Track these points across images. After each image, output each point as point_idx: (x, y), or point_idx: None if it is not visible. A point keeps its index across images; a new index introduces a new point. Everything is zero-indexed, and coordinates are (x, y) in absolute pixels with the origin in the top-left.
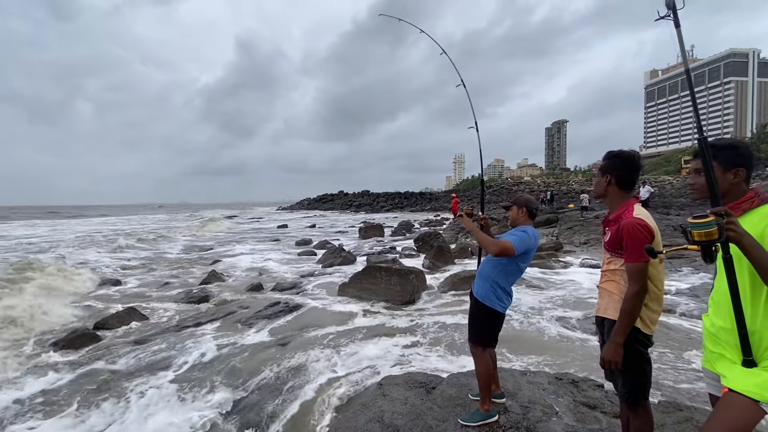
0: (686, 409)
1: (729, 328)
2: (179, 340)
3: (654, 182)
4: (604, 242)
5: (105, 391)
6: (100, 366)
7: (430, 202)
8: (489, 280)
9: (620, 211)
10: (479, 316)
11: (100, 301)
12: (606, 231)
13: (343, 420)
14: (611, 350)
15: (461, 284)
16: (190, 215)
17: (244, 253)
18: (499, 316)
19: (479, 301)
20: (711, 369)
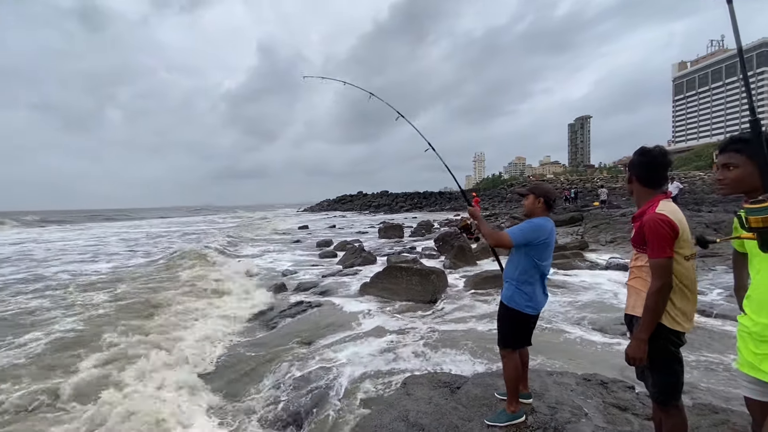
0: (722, 411)
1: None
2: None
3: (684, 178)
4: (631, 239)
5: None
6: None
7: (450, 202)
8: (512, 281)
9: (645, 207)
10: (505, 319)
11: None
12: (632, 227)
13: (368, 419)
14: (634, 346)
15: (483, 284)
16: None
17: (265, 255)
18: (527, 318)
19: (504, 303)
20: (748, 372)
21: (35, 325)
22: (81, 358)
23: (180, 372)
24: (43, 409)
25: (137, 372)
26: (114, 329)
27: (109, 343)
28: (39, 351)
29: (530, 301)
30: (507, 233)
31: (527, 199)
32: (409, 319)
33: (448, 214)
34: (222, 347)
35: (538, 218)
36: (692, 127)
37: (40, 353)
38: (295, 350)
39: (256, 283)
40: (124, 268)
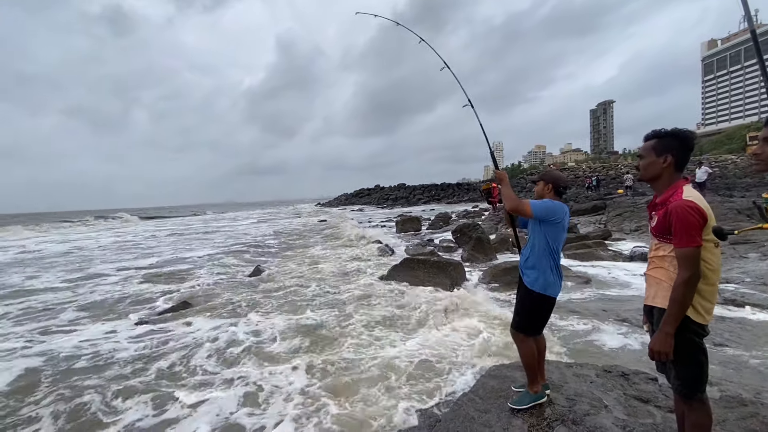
0: (751, 404)
1: None
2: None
3: (714, 162)
4: (651, 227)
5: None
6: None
7: (468, 193)
8: (533, 266)
9: (668, 194)
10: (529, 304)
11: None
12: (652, 216)
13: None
14: (660, 340)
15: (502, 276)
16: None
17: (288, 248)
18: (550, 302)
19: (528, 288)
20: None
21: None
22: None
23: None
24: None
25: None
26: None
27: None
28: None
29: (553, 284)
30: (529, 203)
31: (537, 186)
32: (426, 308)
33: (466, 205)
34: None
35: (555, 202)
36: (723, 108)
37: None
38: (316, 331)
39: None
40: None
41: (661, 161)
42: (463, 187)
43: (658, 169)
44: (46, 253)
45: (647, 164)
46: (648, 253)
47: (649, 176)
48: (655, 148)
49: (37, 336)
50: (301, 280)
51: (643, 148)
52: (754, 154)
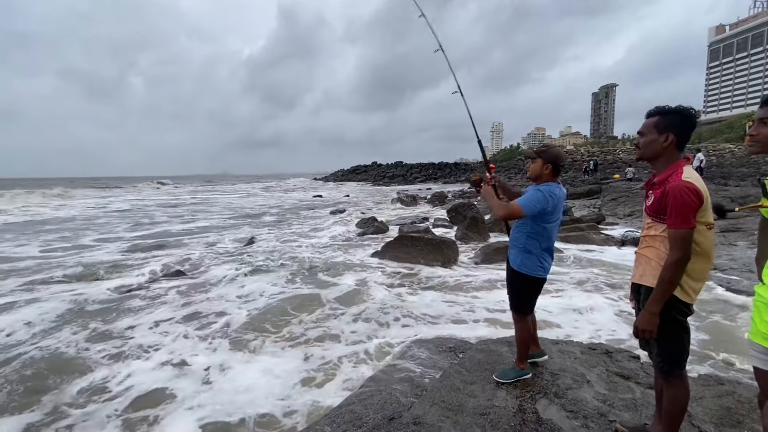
0: (728, 383)
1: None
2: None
3: (712, 150)
4: (646, 206)
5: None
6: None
7: (465, 173)
8: (521, 247)
9: (667, 173)
10: (516, 285)
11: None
12: (649, 194)
13: (374, 378)
14: (646, 319)
15: (495, 255)
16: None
17: (284, 220)
18: (537, 282)
19: (515, 269)
20: (760, 342)
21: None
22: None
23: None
24: None
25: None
26: None
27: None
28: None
29: (540, 265)
30: (518, 205)
31: (534, 163)
32: (419, 285)
33: (462, 185)
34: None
35: (546, 185)
36: (726, 96)
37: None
38: (305, 306)
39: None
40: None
41: (662, 140)
42: (460, 166)
43: (659, 147)
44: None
45: (648, 142)
46: (640, 233)
47: (649, 154)
48: (657, 126)
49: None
50: (292, 256)
51: (644, 125)
52: (750, 135)
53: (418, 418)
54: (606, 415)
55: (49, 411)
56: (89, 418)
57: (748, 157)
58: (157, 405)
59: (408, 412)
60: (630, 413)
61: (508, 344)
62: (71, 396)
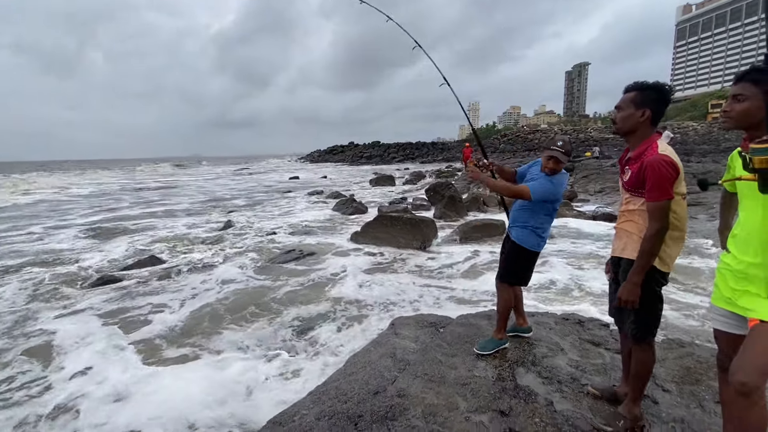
0: (689, 345)
1: (760, 263)
2: (201, 280)
3: (677, 128)
4: (623, 182)
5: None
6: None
7: (443, 153)
8: (527, 226)
9: (642, 148)
10: (515, 257)
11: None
12: (625, 170)
13: (358, 356)
14: (629, 290)
15: (472, 233)
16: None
17: (259, 203)
18: (533, 256)
19: (515, 242)
20: (726, 307)
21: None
22: None
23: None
24: None
25: None
26: None
27: None
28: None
29: (541, 241)
30: (528, 189)
31: (557, 165)
32: (399, 266)
33: (440, 165)
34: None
35: (558, 176)
36: (691, 75)
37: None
38: (285, 293)
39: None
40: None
41: (639, 114)
42: (437, 146)
43: (635, 122)
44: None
45: (625, 116)
46: (618, 208)
47: (626, 129)
48: (634, 101)
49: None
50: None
51: (622, 100)
52: (724, 111)
53: (402, 390)
54: (578, 380)
55: None
56: None
57: (709, 134)
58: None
59: (392, 386)
60: (600, 377)
61: (487, 318)
62: None
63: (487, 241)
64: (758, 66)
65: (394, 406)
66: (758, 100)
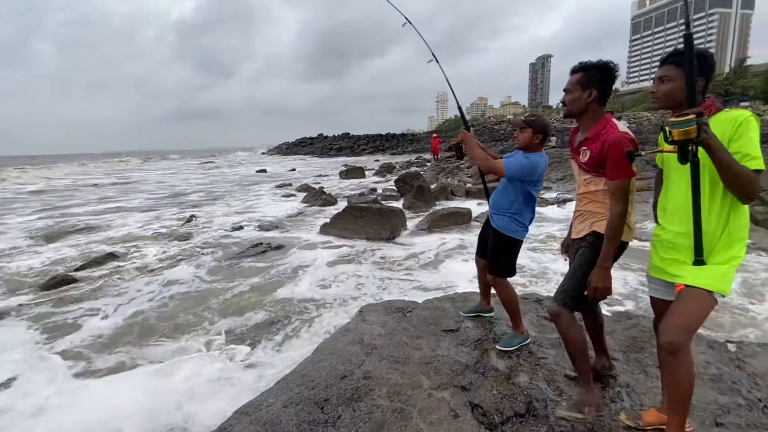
0: (635, 317)
1: (684, 231)
2: (163, 281)
3: (633, 119)
4: (581, 163)
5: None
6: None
7: (412, 144)
8: (505, 211)
9: (599, 128)
10: (503, 248)
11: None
12: (582, 151)
13: (326, 343)
14: (601, 276)
15: (440, 221)
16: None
17: (224, 197)
18: (517, 244)
19: (499, 231)
20: (658, 276)
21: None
22: None
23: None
24: None
25: None
26: None
27: None
28: None
29: (524, 229)
30: (502, 164)
31: (525, 133)
32: (368, 256)
33: (410, 156)
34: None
35: (534, 154)
36: (645, 67)
37: None
38: (255, 287)
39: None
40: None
41: (586, 96)
42: (407, 137)
43: (584, 103)
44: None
45: (574, 99)
46: (577, 191)
47: (576, 111)
48: (580, 82)
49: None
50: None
51: (569, 83)
52: (651, 93)
53: (368, 373)
54: (535, 354)
55: None
56: None
57: (662, 124)
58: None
59: (359, 369)
60: (555, 350)
61: (451, 300)
62: None
63: (454, 229)
64: (679, 49)
65: (360, 388)
66: (681, 81)
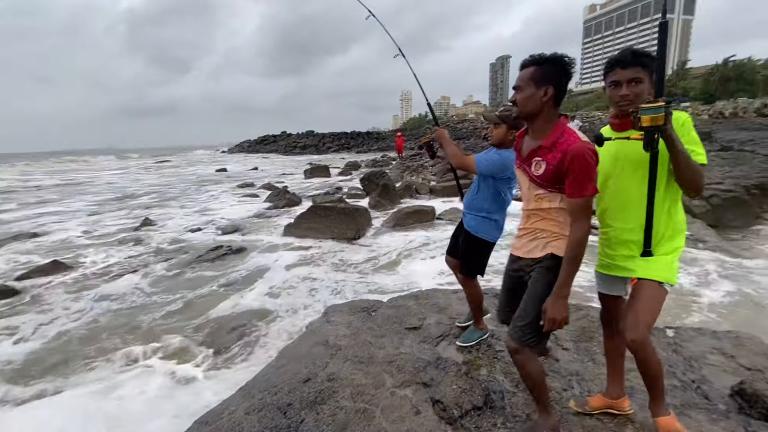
0: (585, 308)
1: (633, 227)
2: (118, 289)
3: (585, 118)
4: (534, 176)
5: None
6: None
7: (378, 142)
8: (479, 213)
9: (555, 135)
10: (474, 249)
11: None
12: (535, 162)
13: (290, 347)
14: (560, 306)
15: (405, 219)
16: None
17: (181, 198)
18: (489, 246)
19: (474, 235)
20: (607, 272)
21: None
22: None
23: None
24: None
25: None
26: None
27: None
28: None
29: (497, 230)
30: (474, 160)
31: (498, 129)
32: (333, 255)
33: (375, 154)
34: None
35: (507, 150)
36: (597, 69)
37: None
38: (216, 292)
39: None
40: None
41: (541, 94)
42: (373, 135)
43: (539, 103)
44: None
45: (527, 97)
46: (524, 206)
47: (528, 111)
48: (534, 78)
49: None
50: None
51: (520, 79)
52: (623, 96)
53: (332, 374)
54: (493, 347)
55: None
56: None
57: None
58: None
59: (323, 372)
60: None
61: (414, 298)
62: None
63: (419, 227)
64: (638, 50)
65: (324, 391)
66: (648, 82)
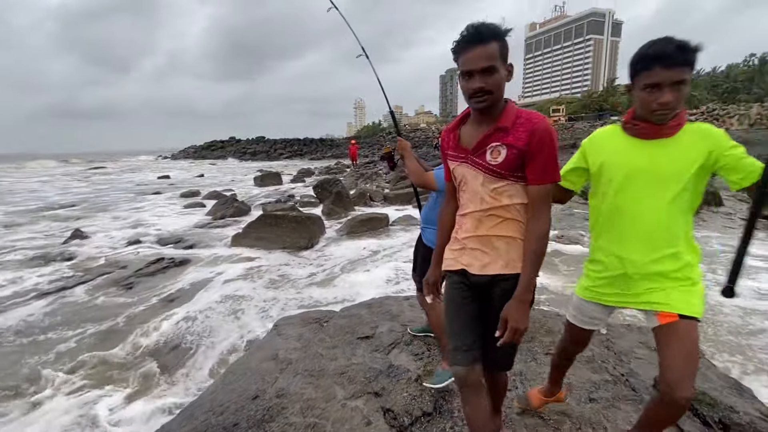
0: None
1: (658, 257)
2: (44, 310)
3: None
4: (492, 167)
5: None
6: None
7: (331, 149)
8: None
9: (510, 116)
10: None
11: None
12: (492, 148)
13: (237, 363)
14: (522, 313)
15: (359, 227)
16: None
17: (117, 207)
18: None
19: (430, 247)
20: (600, 301)
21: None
22: None
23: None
24: None
25: None
26: None
27: None
28: None
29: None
30: (435, 178)
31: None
32: (284, 266)
33: (329, 161)
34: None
35: None
36: (537, 84)
37: None
38: (158, 309)
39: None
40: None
41: (506, 74)
42: (326, 143)
43: (503, 84)
44: None
45: (499, 81)
46: (475, 207)
47: (498, 99)
48: (503, 56)
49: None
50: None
51: (486, 57)
52: (664, 103)
53: (281, 390)
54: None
55: None
56: None
57: (564, 130)
58: None
59: (272, 387)
60: None
61: (367, 307)
62: None
63: (372, 235)
64: (683, 43)
65: (272, 408)
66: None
